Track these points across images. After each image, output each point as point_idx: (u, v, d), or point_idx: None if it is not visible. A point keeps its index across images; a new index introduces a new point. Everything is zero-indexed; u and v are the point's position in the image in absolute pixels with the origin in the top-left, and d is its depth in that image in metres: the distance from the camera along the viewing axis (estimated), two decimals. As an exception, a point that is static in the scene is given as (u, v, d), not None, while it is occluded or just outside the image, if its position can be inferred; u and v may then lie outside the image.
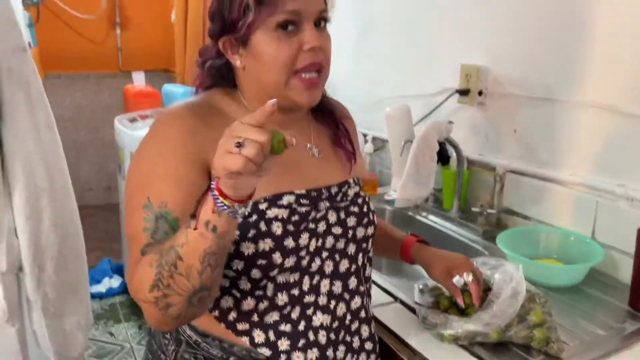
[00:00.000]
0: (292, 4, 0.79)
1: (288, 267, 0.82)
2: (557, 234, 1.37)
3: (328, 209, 0.88)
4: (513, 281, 1.00)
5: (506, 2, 1.51)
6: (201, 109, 0.84)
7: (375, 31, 2.06)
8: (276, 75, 0.81)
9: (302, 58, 0.81)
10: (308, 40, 0.80)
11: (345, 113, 1.06)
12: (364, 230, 0.92)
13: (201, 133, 0.79)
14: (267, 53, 0.80)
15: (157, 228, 0.75)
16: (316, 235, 0.85)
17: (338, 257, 0.89)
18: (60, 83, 4.11)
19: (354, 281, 0.91)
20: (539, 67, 1.43)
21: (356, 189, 0.95)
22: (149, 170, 0.78)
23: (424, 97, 1.79)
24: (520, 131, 1.51)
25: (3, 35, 1.17)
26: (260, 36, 0.80)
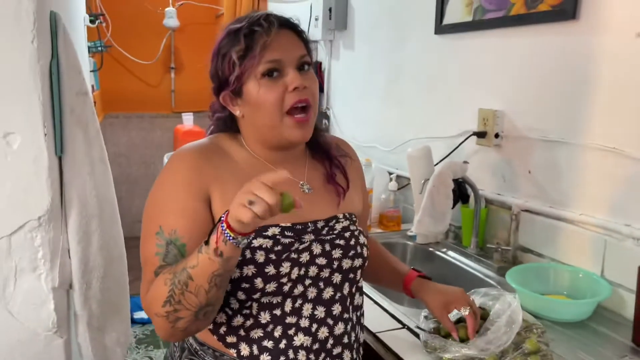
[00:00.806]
0: (272, 54, 0.91)
1: (269, 291, 0.90)
2: (567, 271, 1.41)
3: (313, 241, 0.95)
4: (509, 310, 1.06)
5: (520, 54, 1.61)
6: (208, 150, 0.97)
7: (402, 79, 2.19)
8: (269, 117, 0.92)
9: (289, 98, 0.91)
10: (292, 81, 0.91)
11: (345, 150, 1.12)
12: (351, 262, 0.98)
13: (205, 171, 0.92)
14: (258, 99, 0.92)
15: (168, 252, 0.89)
16: (298, 264, 0.92)
17: (322, 284, 0.95)
18: (118, 122, 4.43)
19: (338, 308, 0.97)
20: (551, 112, 1.51)
21: (345, 223, 1.01)
22: (161, 203, 0.92)
23: (445, 138, 1.89)
24: (534, 172, 1.57)
25: (69, 80, 1.36)
26: (250, 86, 0.92)
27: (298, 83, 0.91)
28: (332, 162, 1.05)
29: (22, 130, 1.27)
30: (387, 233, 1.95)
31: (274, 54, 0.91)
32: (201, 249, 0.79)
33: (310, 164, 1.05)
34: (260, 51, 0.90)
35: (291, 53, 0.93)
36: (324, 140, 1.07)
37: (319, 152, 1.06)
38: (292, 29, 0.96)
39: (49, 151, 1.29)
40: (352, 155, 1.13)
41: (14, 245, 1.30)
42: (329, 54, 2.76)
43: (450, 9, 1.85)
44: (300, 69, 0.94)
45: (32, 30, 1.24)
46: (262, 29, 0.91)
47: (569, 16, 1.42)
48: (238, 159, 0.98)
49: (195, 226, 0.89)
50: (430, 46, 2.00)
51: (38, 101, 1.26)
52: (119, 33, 4.20)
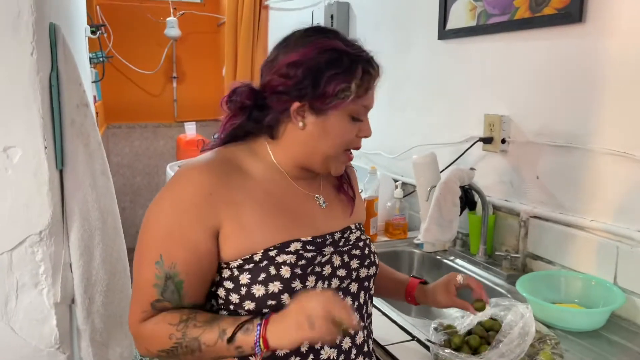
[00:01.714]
0: (368, 101, 0.94)
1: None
2: (579, 278, 1.38)
3: (332, 253, 0.95)
4: (522, 321, 1.04)
5: (525, 58, 1.58)
6: (220, 167, 0.91)
7: (406, 85, 2.17)
8: (334, 150, 0.94)
9: (355, 142, 0.96)
10: (364, 131, 0.96)
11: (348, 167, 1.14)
12: (367, 271, 1.00)
13: (216, 197, 0.87)
14: (335, 131, 0.92)
15: (166, 287, 0.87)
16: (322, 278, 0.92)
17: (342, 295, 0.96)
18: (120, 132, 4.43)
19: (356, 317, 0.96)
20: (558, 117, 1.49)
21: (357, 233, 1.03)
22: (164, 229, 0.87)
23: (451, 145, 1.86)
24: (542, 178, 1.55)
25: (69, 92, 1.34)
26: (337, 115, 0.92)
27: (368, 134, 0.97)
28: (342, 176, 1.07)
29: (22, 143, 1.25)
30: (393, 241, 1.93)
31: (370, 102, 0.95)
32: (222, 335, 0.82)
33: (324, 177, 1.05)
34: (365, 95, 0.92)
35: (373, 104, 0.97)
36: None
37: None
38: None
39: (49, 164, 1.27)
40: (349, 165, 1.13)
41: (15, 260, 1.28)
42: (331, 61, 2.75)
43: (454, 14, 1.84)
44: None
45: (32, 42, 1.23)
46: (374, 73, 0.94)
47: (575, 19, 1.40)
48: (254, 174, 0.94)
49: (196, 260, 0.87)
50: (434, 52, 1.98)
51: (38, 114, 1.24)
52: (120, 43, 4.20)
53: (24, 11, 1.21)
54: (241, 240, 0.88)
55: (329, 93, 0.89)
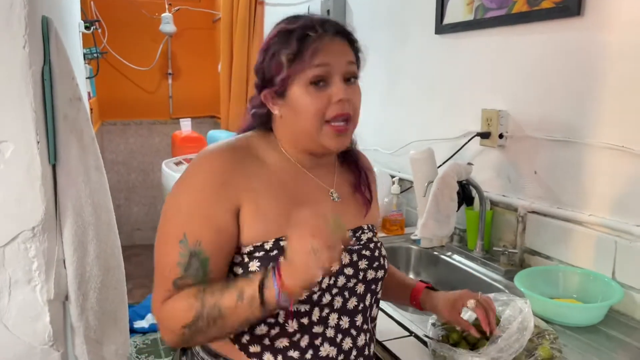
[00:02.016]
0: (321, 59, 0.89)
1: (300, 299, 0.88)
2: (577, 273, 1.38)
3: (342, 250, 0.93)
4: (520, 316, 1.03)
5: (523, 52, 1.57)
6: (240, 152, 0.94)
7: (403, 80, 2.16)
8: (309, 124, 0.91)
9: (331, 110, 0.90)
10: (336, 94, 0.90)
11: (368, 164, 1.14)
12: (374, 273, 0.99)
13: (236, 179, 0.89)
14: (301, 105, 0.90)
15: (190, 264, 0.86)
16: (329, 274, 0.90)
17: (347, 294, 0.94)
18: (115, 129, 4.40)
19: (360, 319, 0.96)
20: (556, 111, 1.48)
21: (369, 234, 1.02)
22: (189, 206, 0.88)
23: (448, 140, 1.85)
24: (540, 172, 1.54)
25: (62, 86, 1.32)
26: (296, 90, 0.90)
27: (342, 96, 0.90)
28: (360, 173, 1.06)
29: (14, 138, 1.23)
30: (390, 237, 1.92)
31: (324, 59, 0.89)
32: (242, 295, 0.80)
33: (339, 171, 1.04)
34: (310, 57, 0.89)
35: (340, 62, 0.91)
36: (353, 151, 1.07)
37: (348, 161, 1.06)
38: (346, 38, 0.95)
39: (42, 159, 1.25)
40: (372, 169, 1.14)
41: (8, 256, 1.26)
42: (327, 56, 2.73)
43: (451, 8, 1.82)
44: (347, 80, 0.93)
45: (24, 36, 1.21)
46: (316, 34, 0.90)
47: (573, 12, 1.39)
48: (270, 163, 0.95)
49: (221, 239, 0.87)
50: (431, 46, 1.96)
51: (30, 108, 1.23)
52: (115, 39, 4.17)
53: (16, 4, 1.19)
54: (257, 224, 0.89)
55: (274, 72, 0.91)
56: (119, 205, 4.26)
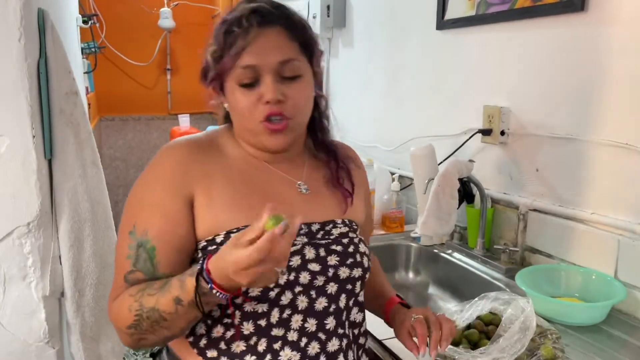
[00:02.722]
0: (246, 59, 0.84)
1: (253, 296, 0.82)
2: (579, 272, 1.36)
3: (305, 244, 0.87)
4: (523, 316, 1.01)
5: (526, 48, 1.56)
6: (199, 144, 0.91)
7: (404, 76, 2.14)
8: (244, 122, 0.88)
9: (261, 110, 0.85)
10: (264, 94, 0.84)
11: (352, 155, 1.06)
12: (349, 271, 0.89)
13: (192, 167, 0.87)
14: (234, 103, 0.88)
15: (138, 256, 0.84)
16: (288, 268, 0.84)
17: (315, 294, 0.86)
18: (113, 125, 4.37)
19: (332, 321, 0.87)
20: (559, 108, 1.46)
21: (343, 229, 0.93)
22: (140, 198, 0.87)
23: (449, 137, 1.84)
24: (542, 170, 1.52)
25: (58, 80, 1.30)
26: (229, 87, 0.87)
27: (270, 97, 0.84)
28: (338, 165, 0.98)
29: (10, 132, 1.21)
30: (390, 234, 1.90)
31: (250, 59, 0.84)
32: (180, 300, 0.76)
33: (310, 163, 0.98)
34: (234, 58, 0.84)
35: (270, 59, 0.84)
36: (330, 141, 1.01)
37: (323, 153, 0.99)
38: (283, 27, 0.87)
39: (37, 154, 1.23)
40: (357, 162, 1.06)
41: (2, 252, 1.24)
42: (327, 52, 2.71)
43: (453, 3, 1.80)
44: (284, 76, 0.86)
45: (19, 28, 1.19)
46: (241, 29, 0.84)
47: (577, 8, 1.37)
48: (232, 156, 0.92)
49: (169, 226, 0.84)
50: (432, 42, 1.94)
51: (26, 102, 1.21)
52: (113, 34, 4.14)
53: (11, -5, 1.17)
54: (208, 217, 0.85)
55: (208, 67, 0.89)
56: (117, 201, 4.23)
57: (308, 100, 0.91)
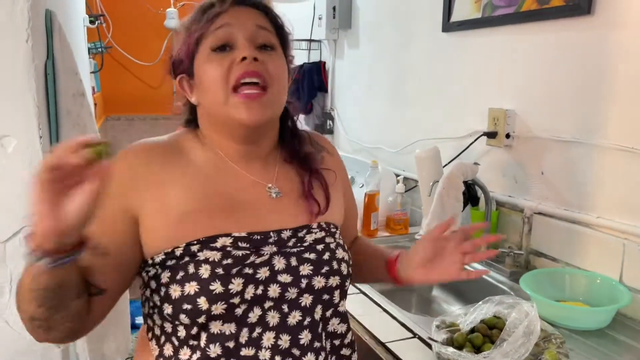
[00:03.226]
0: (220, 21, 0.81)
1: (217, 314, 0.76)
2: (584, 276, 1.36)
3: (274, 254, 0.81)
4: (527, 320, 1.01)
5: (532, 51, 1.55)
6: (161, 148, 0.85)
7: (409, 78, 2.14)
8: (214, 94, 0.80)
9: (235, 70, 0.79)
10: (240, 52, 0.79)
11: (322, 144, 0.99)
12: (324, 280, 0.83)
13: (141, 172, 0.81)
14: (204, 75, 0.81)
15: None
16: (255, 282, 0.78)
17: (287, 308, 0.80)
18: (119, 124, 4.39)
19: (307, 335, 0.81)
20: (565, 111, 1.46)
21: (319, 234, 0.86)
22: None
23: (454, 139, 1.83)
24: (547, 173, 1.52)
25: (65, 81, 1.31)
26: (199, 61, 0.82)
27: (247, 53, 0.79)
28: (311, 175, 0.90)
29: (17, 132, 1.22)
30: (394, 236, 1.90)
31: (223, 21, 0.81)
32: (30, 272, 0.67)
33: (282, 166, 0.91)
34: (209, 22, 0.80)
35: (245, 24, 0.81)
36: (306, 150, 0.93)
37: (295, 160, 0.91)
38: (259, 9, 0.85)
39: (44, 154, 1.24)
40: (329, 149, 0.99)
41: (9, 252, 1.26)
42: (333, 53, 2.72)
43: (458, 5, 1.80)
44: (260, 45, 0.82)
45: (27, 29, 1.20)
46: (215, 6, 0.82)
47: (583, 11, 1.37)
48: (197, 160, 0.85)
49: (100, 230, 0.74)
50: (437, 44, 1.94)
51: (33, 102, 1.22)
52: (119, 34, 4.16)
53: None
54: (162, 228, 0.79)
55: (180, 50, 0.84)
56: (122, 200, 4.25)
57: (284, 77, 0.85)
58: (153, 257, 0.79)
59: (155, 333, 0.83)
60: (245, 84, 0.79)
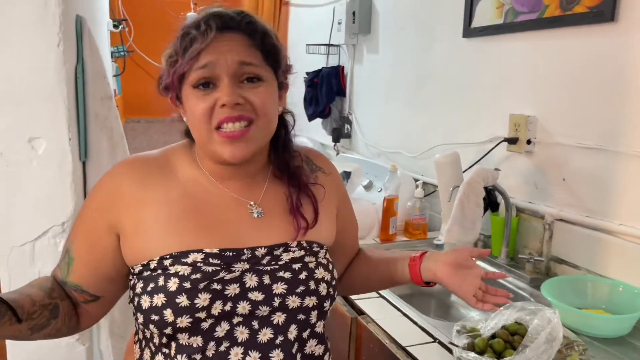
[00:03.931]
0: (201, 59, 0.79)
1: (182, 327, 0.77)
2: (606, 284, 1.35)
3: (246, 271, 0.81)
4: (549, 326, 1.01)
5: (554, 57, 1.55)
6: (148, 163, 0.87)
7: (428, 83, 2.14)
8: (199, 130, 0.81)
9: (217, 114, 0.79)
10: (220, 97, 0.78)
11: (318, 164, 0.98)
12: (299, 300, 0.82)
13: (126, 189, 0.84)
14: (189, 109, 0.82)
15: (63, 257, 0.87)
16: (223, 298, 0.78)
17: (257, 325, 0.80)
18: (139, 127, 4.44)
19: (279, 355, 0.80)
20: (587, 118, 1.45)
21: (297, 253, 0.85)
22: (82, 208, 0.89)
23: (474, 144, 1.84)
24: (569, 180, 1.52)
25: (94, 85, 1.35)
26: (185, 94, 0.82)
27: (226, 100, 0.78)
28: (300, 190, 0.90)
29: (47, 134, 1.26)
30: (413, 241, 1.91)
31: (204, 59, 0.79)
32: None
33: (270, 184, 0.90)
34: (189, 60, 0.79)
35: (226, 61, 0.79)
36: (295, 163, 0.92)
37: (285, 174, 0.91)
38: (245, 33, 0.81)
39: (73, 156, 1.28)
40: (326, 169, 0.98)
41: (38, 250, 1.29)
42: (351, 58, 2.73)
43: (480, 11, 1.80)
44: (244, 80, 0.81)
45: (58, 34, 1.23)
46: (198, 32, 0.79)
47: (607, 18, 1.37)
48: (182, 176, 0.87)
49: (88, 245, 0.85)
50: (458, 50, 1.95)
51: (63, 105, 1.25)
52: (140, 38, 4.21)
53: (51, 2, 1.22)
54: (137, 243, 0.82)
55: (165, 76, 0.84)
56: (141, 201, 4.30)
57: (272, 107, 0.84)
58: (133, 267, 0.84)
59: (139, 337, 0.88)
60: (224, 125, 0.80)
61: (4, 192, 1.25)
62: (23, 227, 1.26)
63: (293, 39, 3.58)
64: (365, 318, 1.34)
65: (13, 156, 1.24)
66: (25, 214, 1.26)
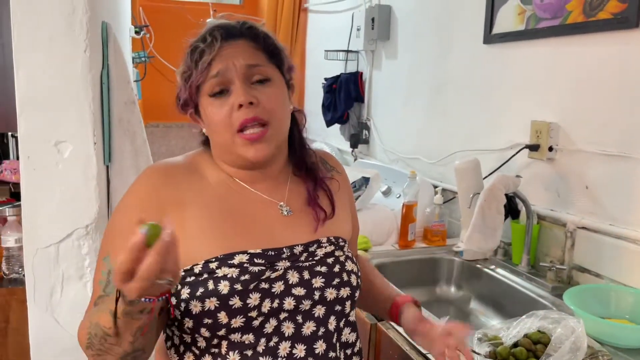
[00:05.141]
0: (215, 67, 0.84)
1: (236, 327, 0.80)
2: (630, 293, 1.33)
3: (288, 268, 0.85)
4: (573, 336, 1.00)
5: (576, 64, 1.54)
6: (177, 168, 0.89)
7: (448, 89, 2.14)
8: (221, 135, 0.86)
9: (236, 117, 0.84)
10: (234, 100, 0.84)
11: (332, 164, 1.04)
12: (336, 292, 0.87)
13: (163, 192, 0.85)
14: (209, 119, 0.86)
15: (109, 282, 0.82)
16: (271, 296, 0.82)
17: (301, 319, 0.85)
18: (158, 131, 4.49)
19: (322, 345, 0.85)
20: (610, 125, 1.44)
21: (328, 248, 0.91)
22: (115, 224, 0.87)
23: (495, 151, 1.82)
24: (592, 187, 1.50)
25: (118, 90, 1.37)
26: (203, 105, 0.87)
27: (241, 100, 0.83)
28: (316, 184, 0.95)
29: (73, 138, 1.28)
30: (431, 248, 1.90)
31: (215, 68, 0.84)
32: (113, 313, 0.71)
33: (292, 183, 0.95)
34: (203, 69, 0.84)
35: (237, 63, 0.85)
36: (311, 159, 0.97)
37: (303, 171, 0.96)
38: (249, 38, 0.88)
39: (97, 160, 1.30)
40: (339, 169, 1.05)
41: (62, 253, 1.31)
42: (370, 64, 2.73)
43: (501, 17, 1.80)
44: (255, 82, 0.86)
45: (85, 40, 1.26)
46: (205, 44, 0.85)
47: (631, 24, 1.35)
48: (212, 180, 0.90)
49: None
50: (478, 56, 1.94)
51: (89, 110, 1.27)
52: (160, 43, 4.27)
53: (78, 9, 1.24)
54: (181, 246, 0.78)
55: (182, 93, 0.88)
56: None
57: (283, 105, 0.89)
58: None
59: (174, 342, 0.87)
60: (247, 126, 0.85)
61: (31, 194, 1.27)
62: (48, 229, 1.28)
63: (312, 45, 3.60)
64: (384, 324, 1.33)
65: (39, 159, 1.26)
66: (51, 216, 1.28)
